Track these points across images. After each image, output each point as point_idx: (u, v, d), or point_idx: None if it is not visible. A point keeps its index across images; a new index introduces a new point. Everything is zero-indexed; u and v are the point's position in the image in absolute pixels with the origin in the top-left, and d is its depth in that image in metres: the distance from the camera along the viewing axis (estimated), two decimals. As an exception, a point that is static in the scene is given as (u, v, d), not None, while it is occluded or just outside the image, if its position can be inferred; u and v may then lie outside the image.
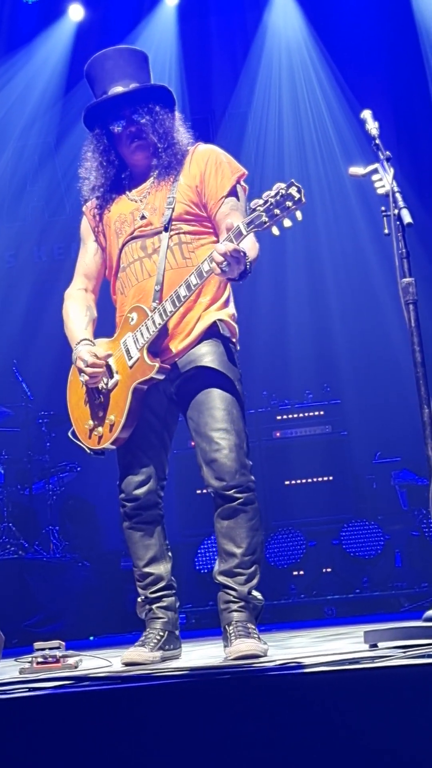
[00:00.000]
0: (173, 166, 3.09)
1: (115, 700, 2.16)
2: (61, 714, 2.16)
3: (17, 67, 8.07)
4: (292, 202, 2.69)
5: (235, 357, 3.07)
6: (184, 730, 2.05)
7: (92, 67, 3.19)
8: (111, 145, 3.15)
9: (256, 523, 2.97)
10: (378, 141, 3.03)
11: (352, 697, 1.94)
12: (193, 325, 3.03)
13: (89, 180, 3.21)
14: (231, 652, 2.79)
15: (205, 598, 6.13)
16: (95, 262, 3.28)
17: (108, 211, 3.19)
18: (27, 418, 7.02)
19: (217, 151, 3.16)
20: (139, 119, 3.09)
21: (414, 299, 2.81)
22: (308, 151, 8.02)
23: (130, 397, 3.01)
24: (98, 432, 3.09)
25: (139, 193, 3.16)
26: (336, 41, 7.82)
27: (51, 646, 3.08)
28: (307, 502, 6.53)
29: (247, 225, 2.73)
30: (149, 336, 2.99)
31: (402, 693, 1.91)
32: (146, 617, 3.15)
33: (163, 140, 3.09)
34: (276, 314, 7.76)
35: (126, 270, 3.12)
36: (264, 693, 2.04)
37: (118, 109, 3.11)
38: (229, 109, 8.11)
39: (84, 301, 3.27)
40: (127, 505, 3.15)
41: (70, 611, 6.10)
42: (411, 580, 6.14)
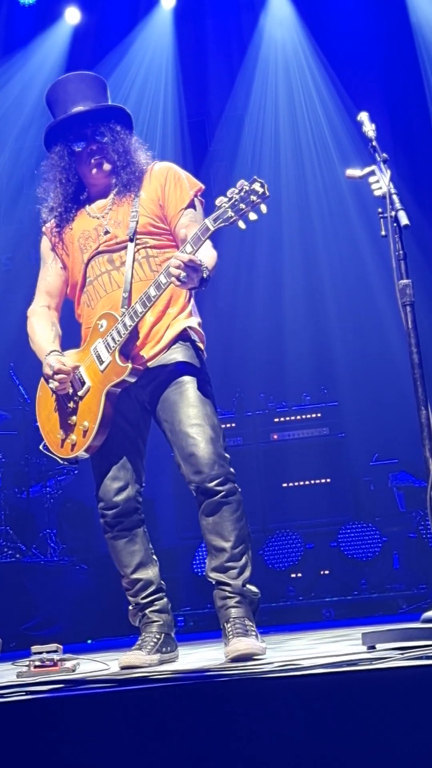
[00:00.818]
0: (132, 183, 3.18)
1: (112, 704, 2.16)
2: (59, 717, 2.15)
3: (14, 69, 8.08)
4: (257, 196, 2.78)
5: (203, 360, 3.16)
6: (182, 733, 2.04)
7: (54, 91, 3.28)
8: (72, 164, 3.21)
9: (241, 515, 3.00)
10: (375, 143, 3.03)
11: (351, 699, 1.94)
12: (163, 332, 3.12)
13: (48, 200, 3.28)
14: (229, 651, 2.80)
15: (203, 600, 6.12)
16: (57, 280, 3.33)
17: (70, 228, 3.25)
18: (24, 421, 7.01)
19: (174, 168, 3.26)
20: (101, 138, 3.18)
21: (411, 301, 2.81)
22: (305, 153, 8.03)
23: (103, 402, 3.05)
24: (71, 440, 3.12)
25: (100, 210, 3.23)
26: (332, 44, 7.84)
27: (49, 649, 3.07)
28: (304, 504, 6.53)
29: (213, 220, 2.81)
30: (120, 339, 3.05)
31: (400, 694, 1.91)
32: (141, 623, 3.16)
33: (123, 158, 3.17)
34: (273, 316, 7.77)
35: (93, 283, 3.19)
36: (262, 695, 2.04)
37: (80, 129, 3.19)
38: (225, 111, 8.12)
39: (48, 318, 3.33)
40: (107, 513, 3.17)
41: (68, 614, 6.09)
42: (409, 582, 6.14)
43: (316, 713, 1.94)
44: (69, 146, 3.20)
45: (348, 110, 7.61)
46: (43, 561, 6.43)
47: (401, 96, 7.69)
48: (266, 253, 7.83)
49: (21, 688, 2.49)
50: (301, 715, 1.94)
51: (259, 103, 8.10)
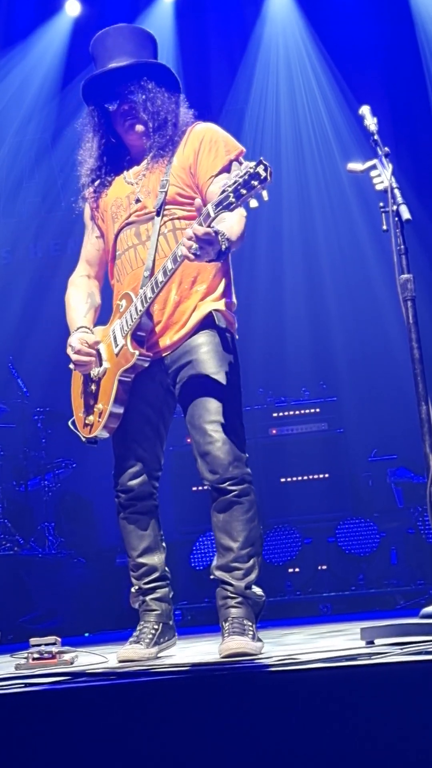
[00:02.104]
0: (167, 146, 3.01)
1: (111, 696, 2.16)
2: (58, 709, 2.15)
3: (14, 62, 8.05)
4: (258, 182, 2.57)
5: (233, 347, 3.02)
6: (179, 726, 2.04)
7: (94, 46, 3.11)
8: (107, 124, 3.09)
9: (253, 516, 2.92)
10: (377, 137, 3.02)
11: (350, 693, 1.94)
12: (188, 315, 2.98)
13: (87, 162, 3.16)
14: (222, 649, 2.76)
15: (200, 595, 6.13)
16: (96, 247, 3.24)
17: (105, 195, 3.14)
18: (23, 415, 7.01)
19: (213, 129, 3.06)
20: (132, 97, 3.01)
21: (412, 296, 2.80)
22: (305, 147, 8.01)
23: (116, 386, 2.98)
24: (89, 421, 3.08)
25: (135, 175, 3.09)
26: (333, 37, 7.81)
27: (47, 642, 3.07)
28: (303, 499, 6.52)
29: (215, 206, 2.64)
30: (132, 323, 2.96)
31: (399, 690, 1.91)
32: (140, 608, 3.12)
33: (156, 119, 3.00)
34: (273, 311, 7.76)
35: (121, 257, 3.08)
36: (261, 689, 2.04)
37: (112, 87, 3.04)
38: (226, 105, 8.09)
39: (86, 288, 3.23)
40: (121, 496, 3.13)
41: (66, 608, 6.10)
42: (406, 578, 6.14)
43: (315, 708, 1.94)
44: (102, 105, 3.06)
45: (349, 104, 7.59)
46: (41, 554, 6.43)
47: (402, 90, 7.66)
48: (266, 246, 7.81)
49: (19, 680, 2.49)
50: (300, 710, 1.94)
51: (260, 96, 8.08)
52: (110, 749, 2.07)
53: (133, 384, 3.03)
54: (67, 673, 2.60)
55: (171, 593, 3.17)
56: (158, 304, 3.00)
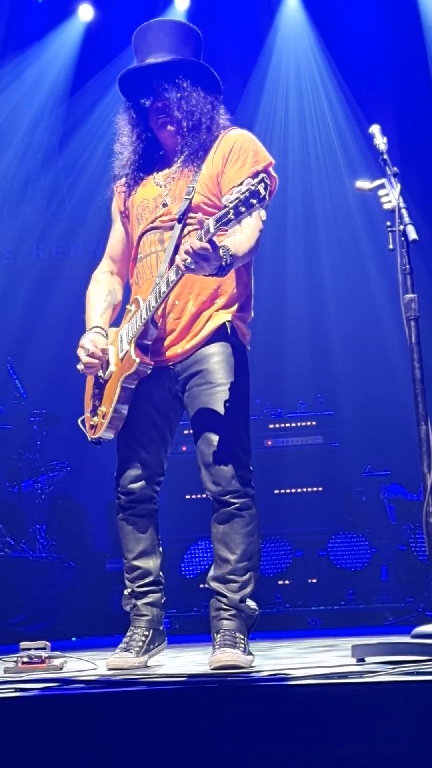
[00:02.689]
0: (199, 151, 2.94)
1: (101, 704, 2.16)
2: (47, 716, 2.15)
3: (25, 64, 8.07)
4: (257, 200, 2.54)
5: (245, 360, 3.01)
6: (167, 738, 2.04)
7: (136, 39, 3.06)
8: (143, 119, 3.04)
9: (253, 530, 2.91)
10: (386, 156, 3.03)
11: (340, 711, 1.94)
12: (202, 325, 2.95)
13: (121, 155, 3.11)
14: (212, 661, 2.75)
15: (190, 603, 6.11)
16: (121, 244, 3.20)
17: (134, 192, 3.09)
18: (19, 416, 7.00)
19: (246, 137, 2.99)
20: (166, 94, 2.95)
21: (416, 316, 2.81)
22: (312, 162, 8.04)
23: (118, 391, 2.98)
24: (94, 422, 3.08)
25: (164, 177, 3.04)
26: (344, 54, 7.85)
27: (37, 646, 3.07)
28: (295, 511, 6.53)
29: (215, 222, 2.60)
30: (136, 330, 2.96)
31: (390, 709, 1.91)
32: (131, 612, 3.11)
33: (189, 119, 2.94)
34: (274, 322, 7.77)
35: (143, 261, 3.05)
36: (251, 703, 2.04)
37: (148, 82, 2.98)
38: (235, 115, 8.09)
39: (107, 285, 3.21)
40: (122, 497, 3.11)
41: (54, 611, 6.08)
42: (396, 595, 6.15)
43: (305, 724, 1.94)
44: (138, 100, 3.01)
45: (358, 121, 7.62)
46: (31, 556, 6.41)
47: (411, 111, 7.69)
48: (270, 259, 7.82)
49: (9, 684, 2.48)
50: (289, 725, 1.94)
51: (269, 109, 8.10)
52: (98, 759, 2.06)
53: (143, 388, 3.02)
54: (57, 679, 2.60)
55: (163, 599, 3.16)
56: (174, 313, 2.98)
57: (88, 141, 7.80)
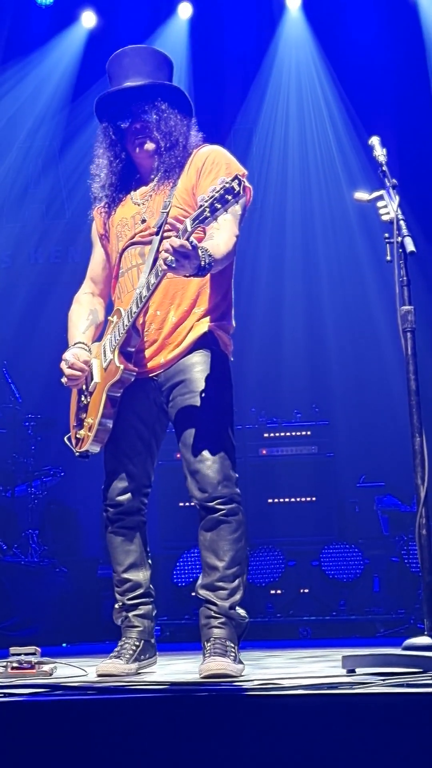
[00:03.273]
0: (174, 168, 3.04)
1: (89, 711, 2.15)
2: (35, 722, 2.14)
3: (27, 69, 8.08)
4: (232, 196, 2.60)
5: (227, 369, 3.04)
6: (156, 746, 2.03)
7: (111, 64, 3.16)
8: (120, 142, 3.12)
9: (240, 536, 2.92)
10: (385, 168, 3.04)
11: (330, 722, 1.94)
12: (184, 335, 2.99)
13: (99, 177, 3.18)
14: (202, 669, 2.75)
15: (181, 611, 6.10)
16: (101, 265, 3.27)
17: (114, 212, 3.16)
18: (14, 420, 6.99)
19: (217, 151, 3.09)
20: (145, 116, 3.05)
21: (412, 327, 2.82)
22: (311, 172, 8.06)
23: (104, 400, 3.00)
24: (80, 435, 3.10)
25: (142, 196, 3.12)
26: (345, 65, 7.89)
27: (27, 651, 3.06)
28: (289, 521, 6.53)
29: (192, 221, 2.67)
30: (119, 338, 2.99)
31: (379, 721, 1.91)
32: (122, 624, 3.12)
33: (167, 139, 3.03)
34: (270, 332, 7.78)
35: (124, 275, 3.11)
36: (241, 712, 2.03)
37: (126, 105, 3.07)
38: (235, 124, 8.15)
39: (88, 305, 3.26)
40: (109, 510, 3.14)
41: (45, 616, 6.06)
42: (388, 606, 6.14)
43: (294, 734, 1.93)
44: (115, 122, 3.10)
45: (357, 132, 7.65)
46: (23, 561, 6.40)
47: (411, 123, 7.72)
48: (268, 267, 7.84)
49: None
50: (279, 736, 1.94)
51: (270, 119, 8.13)
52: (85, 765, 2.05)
53: (128, 400, 3.05)
54: (46, 685, 2.59)
55: (154, 611, 3.17)
56: (155, 324, 3.02)
57: (88, 147, 7.75)
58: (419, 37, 7.66)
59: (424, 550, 2.67)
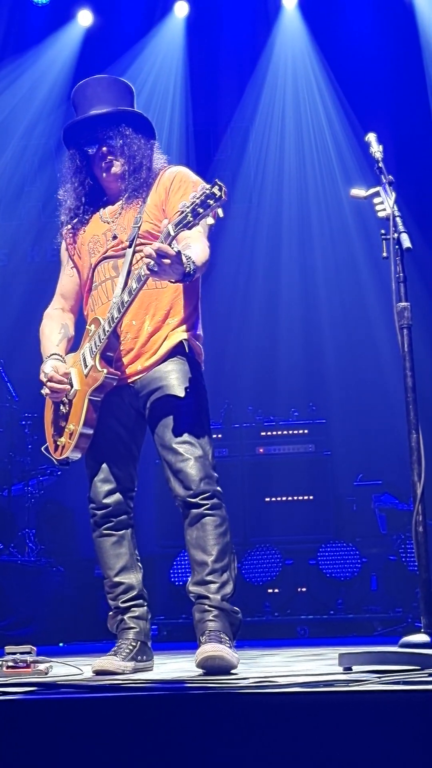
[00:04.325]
0: (141, 188, 3.17)
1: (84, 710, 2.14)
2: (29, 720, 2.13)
3: (24, 67, 8.08)
4: (214, 200, 2.72)
5: (200, 375, 3.15)
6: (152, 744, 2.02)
7: (75, 94, 3.30)
8: (86, 167, 3.25)
9: (225, 531, 2.99)
10: (381, 164, 3.06)
11: (326, 719, 1.93)
12: (160, 343, 3.10)
13: (66, 202, 3.31)
14: (198, 654, 2.78)
15: (178, 610, 6.09)
16: (72, 282, 3.36)
17: (83, 231, 3.28)
18: (11, 419, 6.98)
19: (184, 171, 3.24)
20: (111, 141, 3.18)
21: (409, 324, 2.82)
22: (308, 169, 8.06)
23: (86, 406, 3.07)
24: (61, 442, 3.16)
25: (111, 215, 3.24)
26: (342, 62, 7.89)
27: (22, 650, 3.05)
28: (286, 520, 6.52)
29: (174, 225, 2.78)
30: (100, 343, 3.07)
31: (376, 718, 1.90)
32: (118, 629, 3.15)
33: (132, 163, 3.17)
34: (267, 330, 7.78)
35: (98, 288, 3.20)
36: (237, 710, 2.02)
37: (92, 131, 3.21)
38: (232, 122, 8.14)
39: (59, 320, 3.35)
40: (97, 513, 3.19)
41: (42, 616, 6.05)
42: (385, 605, 6.14)
43: (290, 732, 1.92)
44: (82, 149, 3.24)
45: (354, 129, 7.65)
46: (20, 561, 6.39)
47: (407, 120, 7.73)
48: (264, 264, 7.84)
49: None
50: (275, 733, 1.93)
51: (266, 116, 8.13)
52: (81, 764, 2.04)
53: (107, 405, 3.12)
54: (41, 683, 2.58)
55: (149, 614, 3.19)
56: (131, 333, 3.12)
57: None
58: (415, 34, 7.67)
59: (421, 547, 2.67)
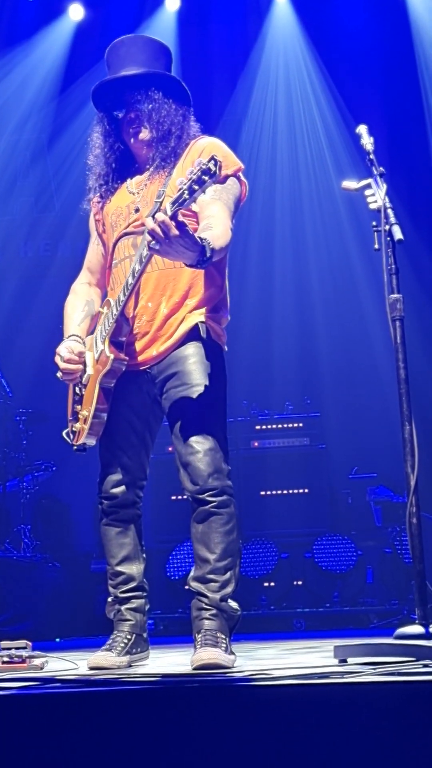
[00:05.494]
0: (169, 158, 3.02)
1: (79, 704, 2.14)
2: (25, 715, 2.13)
3: (15, 62, 8.05)
4: (209, 176, 2.57)
5: (221, 360, 3.02)
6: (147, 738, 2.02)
7: (109, 54, 3.14)
8: (115, 132, 3.11)
9: (232, 529, 2.91)
10: (372, 156, 3.05)
11: (321, 711, 1.93)
12: (176, 326, 2.98)
13: (96, 168, 3.17)
14: (193, 660, 2.74)
15: (174, 604, 6.10)
16: (98, 255, 3.24)
17: (109, 201, 3.14)
18: (5, 415, 6.96)
19: (215, 144, 3.06)
20: (139, 105, 3.03)
21: (401, 316, 2.82)
22: (300, 162, 8.06)
23: (97, 392, 3.00)
24: (76, 428, 3.09)
25: (137, 185, 3.09)
26: (334, 55, 7.88)
27: (17, 645, 3.04)
28: (281, 513, 6.52)
29: (171, 204, 2.63)
30: (109, 327, 2.99)
31: (370, 710, 1.90)
32: (114, 618, 3.12)
33: (160, 129, 3.02)
34: (261, 323, 7.77)
35: (117, 266, 3.09)
36: (231, 703, 2.03)
37: (120, 94, 3.06)
38: (224, 116, 8.12)
39: (85, 296, 3.24)
40: (104, 502, 3.13)
41: (38, 611, 6.05)
42: (381, 597, 6.15)
43: (284, 724, 1.92)
44: (111, 112, 3.09)
45: (346, 122, 7.65)
46: (15, 556, 6.38)
47: (399, 112, 7.73)
48: (257, 257, 7.83)
49: (-13, 684, 2.46)
50: (269, 725, 1.93)
51: (258, 109, 8.12)
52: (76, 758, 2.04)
53: (121, 392, 3.04)
54: (36, 678, 2.58)
55: (147, 606, 3.16)
56: (147, 315, 3.00)
57: (77, 139, 7.78)
58: (407, 26, 7.66)
59: (415, 538, 2.67)
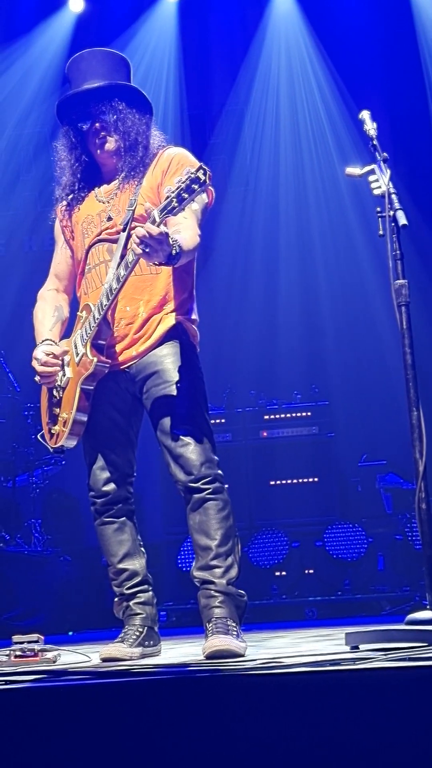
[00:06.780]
0: (137, 168, 3.10)
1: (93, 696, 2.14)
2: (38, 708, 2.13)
3: (16, 55, 8.04)
4: (198, 185, 2.66)
5: (196, 358, 3.11)
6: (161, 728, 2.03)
7: (69, 69, 3.23)
8: (80, 144, 3.18)
9: (228, 515, 2.97)
10: (375, 142, 3.03)
11: (333, 698, 1.93)
12: (154, 328, 3.06)
13: (62, 179, 3.24)
14: (205, 647, 2.77)
15: (186, 596, 6.10)
16: (66, 262, 3.31)
17: (77, 210, 3.21)
18: (13, 410, 6.96)
19: (182, 153, 3.16)
20: (104, 116, 3.11)
21: (406, 301, 2.80)
22: (304, 149, 8.03)
23: (78, 394, 3.04)
24: (55, 430, 3.13)
25: (107, 194, 3.17)
26: (335, 41, 7.84)
27: (29, 639, 3.06)
28: (291, 502, 6.52)
29: (160, 211, 2.73)
30: (91, 331, 3.04)
31: (383, 695, 1.90)
32: (124, 615, 3.14)
33: (126, 138, 3.09)
34: (267, 313, 7.76)
35: (92, 271, 3.15)
36: (244, 692, 2.03)
37: (85, 107, 3.14)
38: (226, 105, 8.10)
39: (53, 302, 3.30)
40: (97, 501, 3.17)
41: (50, 605, 6.07)
42: (393, 584, 6.14)
43: (297, 711, 1.93)
44: (76, 125, 3.15)
45: (348, 108, 7.61)
46: (26, 551, 6.40)
47: (402, 97, 7.70)
48: (262, 247, 7.82)
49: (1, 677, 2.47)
50: (282, 713, 1.93)
51: (261, 98, 8.09)
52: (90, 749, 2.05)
53: (102, 391, 3.08)
54: (49, 671, 2.58)
55: (154, 599, 3.18)
56: (126, 319, 3.07)
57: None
58: (408, 11, 7.61)
59: (425, 524, 2.66)
